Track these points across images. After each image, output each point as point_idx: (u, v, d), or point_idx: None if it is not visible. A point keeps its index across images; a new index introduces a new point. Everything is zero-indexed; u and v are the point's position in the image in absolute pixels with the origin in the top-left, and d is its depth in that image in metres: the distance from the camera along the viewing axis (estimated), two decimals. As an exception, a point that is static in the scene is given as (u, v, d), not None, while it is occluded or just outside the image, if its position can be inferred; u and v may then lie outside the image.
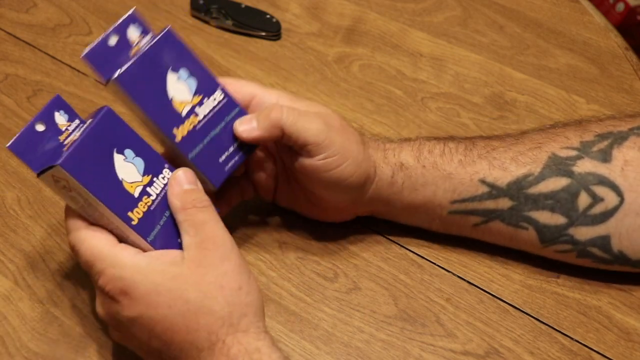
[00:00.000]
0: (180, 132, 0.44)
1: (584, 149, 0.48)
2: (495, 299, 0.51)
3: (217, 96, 0.46)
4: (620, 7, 1.40)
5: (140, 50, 0.44)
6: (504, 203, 0.48)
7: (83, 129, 0.41)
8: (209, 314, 0.39)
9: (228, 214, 0.54)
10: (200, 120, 0.45)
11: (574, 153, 0.48)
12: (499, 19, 0.75)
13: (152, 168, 0.43)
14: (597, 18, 0.77)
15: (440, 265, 0.53)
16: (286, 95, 0.48)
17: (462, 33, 0.73)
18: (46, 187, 0.41)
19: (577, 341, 0.49)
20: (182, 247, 0.42)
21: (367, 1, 0.76)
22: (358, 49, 0.71)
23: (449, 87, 0.67)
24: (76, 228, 0.42)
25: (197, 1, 0.73)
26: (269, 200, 0.53)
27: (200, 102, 0.45)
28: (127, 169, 0.42)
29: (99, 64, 0.43)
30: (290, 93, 0.48)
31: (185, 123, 0.45)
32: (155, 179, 0.43)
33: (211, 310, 0.39)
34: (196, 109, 0.45)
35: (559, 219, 0.48)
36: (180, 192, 0.43)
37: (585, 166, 0.47)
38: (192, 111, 0.45)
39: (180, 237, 0.42)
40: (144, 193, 0.42)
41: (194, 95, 0.45)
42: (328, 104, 0.64)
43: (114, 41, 0.43)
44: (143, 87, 0.43)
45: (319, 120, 0.46)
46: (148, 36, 0.45)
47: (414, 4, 0.77)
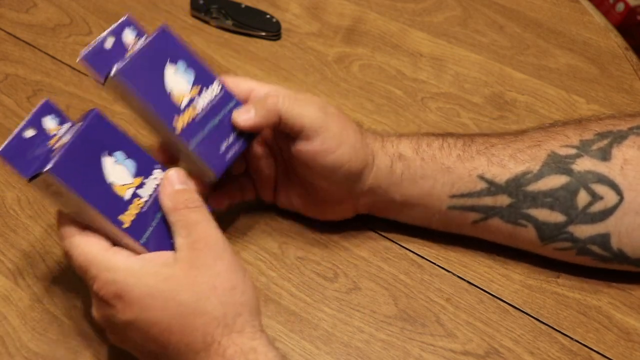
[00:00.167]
0: (180, 123, 0.45)
1: (584, 148, 0.48)
2: (495, 299, 0.51)
3: (215, 88, 0.47)
4: (620, 7, 1.40)
5: (138, 47, 0.44)
6: (503, 200, 0.48)
7: (72, 133, 0.41)
8: (203, 315, 0.39)
9: (228, 214, 0.54)
10: (199, 112, 0.46)
11: (573, 151, 0.48)
12: (499, 19, 0.75)
13: (143, 169, 0.43)
14: (597, 18, 0.77)
15: (440, 265, 0.53)
16: (283, 90, 0.48)
17: (462, 33, 0.73)
18: (38, 192, 0.41)
19: (577, 341, 0.49)
20: (175, 248, 0.42)
21: (367, 1, 0.76)
22: (358, 49, 0.71)
23: (449, 87, 0.67)
24: (69, 234, 0.42)
25: (197, 1, 0.73)
26: (269, 202, 0.53)
27: (199, 94, 0.46)
28: (118, 171, 0.41)
29: (97, 64, 0.43)
30: (287, 89, 0.48)
31: (184, 114, 0.45)
32: (146, 180, 0.43)
33: (205, 311, 0.39)
34: (195, 100, 0.46)
35: (558, 216, 0.48)
36: (172, 192, 0.43)
37: (585, 164, 0.47)
38: (190, 103, 0.45)
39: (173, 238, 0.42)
40: (135, 195, 0.42)
41: (192, 87, 0.46)
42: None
43: (110, 44, 0.44)
44: (142, 81, 0.44)
45: (315, 106, 0.46)
46: (143, 38, 0.45)
47: (414, 4, 0.77)
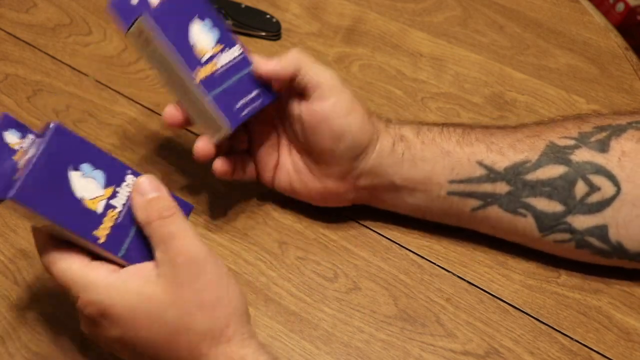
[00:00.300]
0: (200, 74, 0.47)
1: (582, 139, 0.48)
2: (495, 299, 0.51)
3: (236, 50, 0.49)
4: (620, 7, 1.40)
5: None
6: (502, 187, 0.48)
7: (36, 148, 0.38)
8: (188, 331, 0.39)
9: (228, 214, 0.54)
10: (219, 68, 0.48)
11: (572, 142, 0.48)
12: (499, 19, 0.75)
13: (114, 178, 0.41)
14: (597, 18, 0.77)
15: (440, 265, 0.53)
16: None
17: (462, 33, 0.73)
18: (9, 213, 0.39)
19: (577, 341, 0.49)
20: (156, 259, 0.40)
21: (367, 1, 0.76)
22: (358, 49, 0.71)
23: (449, 87, 0.67)
24: (46, 251, 0.40)
25: (197, 1, 0.73)
26: (269, 184, 0.53)
27: (221, 52, 0.48)
28: (87, 184, 0.39)
29: (123, 13, 0.47)
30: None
31: (205, 67, 0.47)
32: (118, 188, 0.41)
33: (190, 328, 0.39)
34: (216, 57, 0.48)
35: (556, 206, 0.48)
36: (143, 203, 0.40)
37: (583, 155, 0.48)
38: (212, 58, 0.48)
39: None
40: (108, 207, 0.40)
41: (216, 44, 0.48)
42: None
43: (135, 1, 0.47)
44: (168, 26, 0.46)
45: (333, 72, 0.48)
46: None
47: (414, 4, 0.77)
